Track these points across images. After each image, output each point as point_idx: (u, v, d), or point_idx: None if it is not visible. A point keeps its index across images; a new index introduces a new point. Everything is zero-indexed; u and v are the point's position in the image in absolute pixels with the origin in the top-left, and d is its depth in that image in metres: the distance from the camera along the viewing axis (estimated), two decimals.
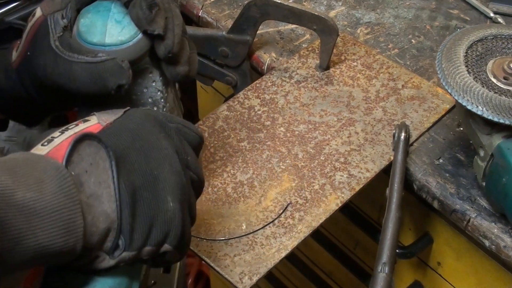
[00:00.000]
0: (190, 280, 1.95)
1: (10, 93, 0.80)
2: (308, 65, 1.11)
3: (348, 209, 1.12)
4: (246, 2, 1.08)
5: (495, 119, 0.85)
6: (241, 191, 0.94)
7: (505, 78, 0.89)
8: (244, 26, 1.10)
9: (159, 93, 0.80)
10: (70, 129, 0.67)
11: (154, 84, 0.79)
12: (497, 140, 0.87)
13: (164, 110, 0.81)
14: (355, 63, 1.12)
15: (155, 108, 0.80)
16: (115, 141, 0.64)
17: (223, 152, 0.99)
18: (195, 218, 0.70)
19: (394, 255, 0.87)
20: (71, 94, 0.75)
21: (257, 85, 1.08)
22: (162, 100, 0.80)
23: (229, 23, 1.13)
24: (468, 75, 0.89)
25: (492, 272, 1.00)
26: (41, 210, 0.57)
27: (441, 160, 0.99)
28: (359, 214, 1.14)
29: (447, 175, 0.96)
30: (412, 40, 1.17)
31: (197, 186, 0.71)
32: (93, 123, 0.68)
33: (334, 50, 1.11)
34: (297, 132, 1.01)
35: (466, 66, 0.90)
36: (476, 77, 0.89)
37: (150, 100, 0.80)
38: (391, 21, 1.21)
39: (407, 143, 0.97)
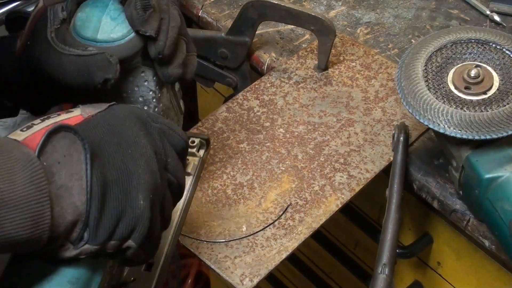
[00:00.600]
0: (189, 281, 1.95)
1: (15, 80, 0.81)
2: (307, 65, 1.11)
3: (348, 209, 1.12)
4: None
5: (458, 136, 0.84)
6: (241, 192, 0.94)
7: (466, 87, 0.88)
8: (243, 27, 1.10)
9: (151, 92, 0.80)
10: (51, 118, 0.67)
11: (146, 83, 0.79)
12: (465, 152, 0.87)
13: (156, 110, 0.81)
14: (353, 64, 1.12)
15: (145, 108, 0.80)
16: (92, 134, 0.65)
17: (223, 154, 0.99)
18: (169, 221, 0.71)
19: (394, 256, 0.87)
20: (63, 87, 0.76)
21: (256, 86, 1.08)
22: (154, 100, 0.81)
23: (229, 23, 1.13)
24: (428, 91, 0.88)
25: (492, 272, 1.00)
26: (9, 201, 0.58)
27: (441, 160, 0.99)
28: (359, 214, 1.14)
29: (447, 175, 0.96)
30: (412, 40, 1.17)
31: (175, 190, 0.71)
32: (76, 114, 0.69)
33: (333, 51, 1.11)
34: (296, 133, 1.01)
35: (426, 81, 0.89)
36: (436, 92, 0.88)
37: (141, 99, 0.80)
38: (391, 21, 1.21)
39: (407, 144, 0.97)
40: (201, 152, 0.92)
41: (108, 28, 0.75)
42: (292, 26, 1.18)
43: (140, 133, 0.67)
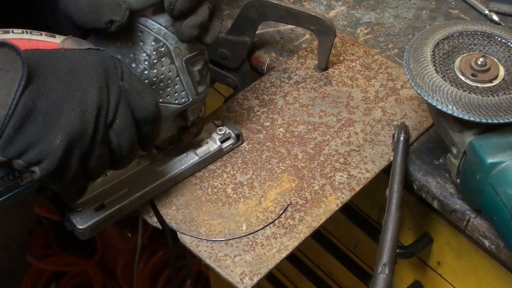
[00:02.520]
0: (189, 281, 1.95)
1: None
2: (307, 65, 1.11)
3: (348, 209, 1.12)
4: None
5: (466, 117, 0.85)
6: (241, 191, 0.94)
7: (473, 75, 0.89)
8: (243, 27, 1.10)
9: (144, 54, 0.84)
10: (27, 33, 0.72)
11: (141, 44, 0.83)
12: (468, 137, 0.87)
13: (145, 73, 0.84)
14: (354, 64, 1.12)
15: (133, 65, 0.83)
16: (43, 63, 0.69)
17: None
18: (95, 174, 0.75)
19: (394, 256, 0.87)
20: (71, 21, 0.79)
21: (256, 86, 1.08)
22: (146, 63, 0.84)
23: (229, 23, 1.13)
24: (436, 74, 0.89)
25: (492, 272, 1.00)
26: None
27: (441, 160, 0.99)
28: (359, 214, 1.14)
29: (447, 175, 0.96)
30: None
31: (115, 151, 0.75)
32: (54, 41, 0.73)
33: (333, 51, 1.11)
34: (296, 133, 1.01)
35: (434, 66, 0.90)
36: (444, 76, 0.89)
37: (131, 55, 0.83)
38: (391, 21, 1.21)
39: (407, 144, 0.97)
40: (225, 143, 0.97)
41: None
42: (292, 26, 1.18)
43: (94, 83, 0.71)
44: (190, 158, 0.95)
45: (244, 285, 0.85)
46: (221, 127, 0.98)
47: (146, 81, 0.85)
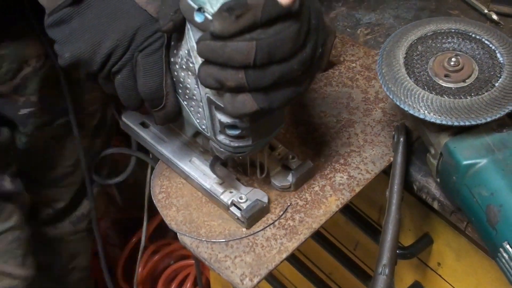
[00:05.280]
0: (189, 282, 1.95)
1: None
2: None
3: (348, 210, 1.12)
4: None
5: (438, 121, 0.85)
6: None
7: (446, 75, 0.89)
8: None
9: (181, 52, 0.77)
10: None
11: (186, 38, 0.75)
12: (444, 139, 0.87)
13: (176, 67, 0.78)
14: (354, 64, 1.12)
15: (174, 51, 0.78)
16: None
17: None
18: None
19: (395, 256, 0.87)
20: None
21: None
22: (179, 59, 0.77)
23: None
24: (408, 78, 0.89)
25: (491, 272, 1.00)
26: None
27: None
28: (359, 214, 1.14)
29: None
30: None
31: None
32: None
33: (333, 51, 1.11)
34: (296, 134, 1.01)
35: (407, 69, 0.90)
36: (417, 79, 0.89)
37: (177, 42, 0.77)
38: (391, 22, 1.21)
39: (407, 145, 0.97)
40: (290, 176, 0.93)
41: None
42: None
43: (115, 35, 0.76)
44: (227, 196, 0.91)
45: (244, 286, 0.85)
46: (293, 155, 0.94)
47: (175, 73, 0.79)
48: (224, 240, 0.89)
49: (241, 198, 0.90)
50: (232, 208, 0.90)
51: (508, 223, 0.80)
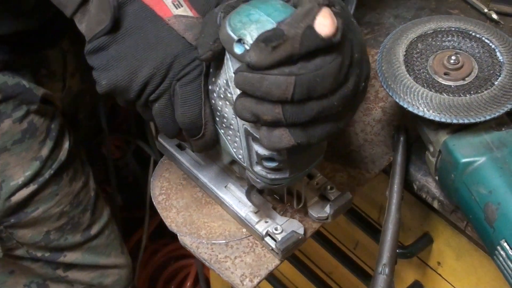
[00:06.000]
0: (189, 281, 1.95)
1: None
2: None
3: (348, 209, 1.12)
4: None
5: (437, 119, 0.85)
6: None
7: (445, 73, 0.89)
8: None
9: (219, 81, 0.75)
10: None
11: (225, 67, 0.73)
12: (443, 136, 0.87)
13: (214, 95, 0.76)
14: None
15: (213, 79, 0.76)
16: (134, 23, 0.74)
17: None
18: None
19: (395, 256, 0.87)
20: None
21: None
22: (217, 88, 0.75)
23: None
24: (408, 75, 0.88)
25: (491, 272, 1.00)
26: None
27: None
28: (359, 214, 1.14)
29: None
30: None
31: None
32: (172, 9, 0.75)
33: None
34: None
35: (406, 66, 0.89)
36: (416, 76, 0.89)
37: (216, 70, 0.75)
38: (391, 21, 1.21)
39: (407, 144, 0.97)
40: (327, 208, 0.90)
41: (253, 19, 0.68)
42: None
43: (152, 63, 0.74)
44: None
45: (244, 287, 0.85)
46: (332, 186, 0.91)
47: (213, 102, 0.77)
48: (224, 241, 0.89)
49: (276, 229, 0.86)
50: (267, 239, 0.86)
51: (506, 221, 0.80)
